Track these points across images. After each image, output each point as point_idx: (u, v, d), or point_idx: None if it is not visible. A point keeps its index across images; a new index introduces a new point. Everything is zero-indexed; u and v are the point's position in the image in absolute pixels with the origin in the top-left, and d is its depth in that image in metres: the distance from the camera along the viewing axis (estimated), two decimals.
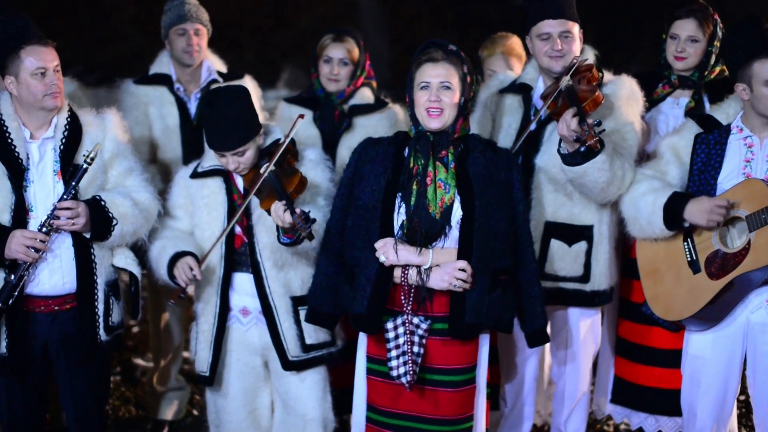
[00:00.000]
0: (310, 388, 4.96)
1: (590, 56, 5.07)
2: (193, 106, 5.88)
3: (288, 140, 4.70)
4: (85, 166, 4.65)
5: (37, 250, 4.62)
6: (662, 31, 5.31)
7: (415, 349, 4.39)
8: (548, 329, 5.12)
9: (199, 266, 4.72)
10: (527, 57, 5.40)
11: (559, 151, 4.76)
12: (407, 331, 4.39)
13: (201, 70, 5.89)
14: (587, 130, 4.55)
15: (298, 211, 4.43)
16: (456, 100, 4.45)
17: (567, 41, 4.95)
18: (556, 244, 5.06)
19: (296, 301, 4.87)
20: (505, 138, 5.11)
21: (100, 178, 4.80)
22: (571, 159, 4.70)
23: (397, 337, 4.40)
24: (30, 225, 4.68)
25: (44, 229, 4.64)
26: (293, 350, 4.89)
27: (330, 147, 5.55)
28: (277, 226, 4.59)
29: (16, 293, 4.65)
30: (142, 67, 6.08)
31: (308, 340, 4.90)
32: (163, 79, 5.90)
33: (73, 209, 4.63)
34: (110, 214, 4.73)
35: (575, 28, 4.98)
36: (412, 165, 4.46)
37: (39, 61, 4.64)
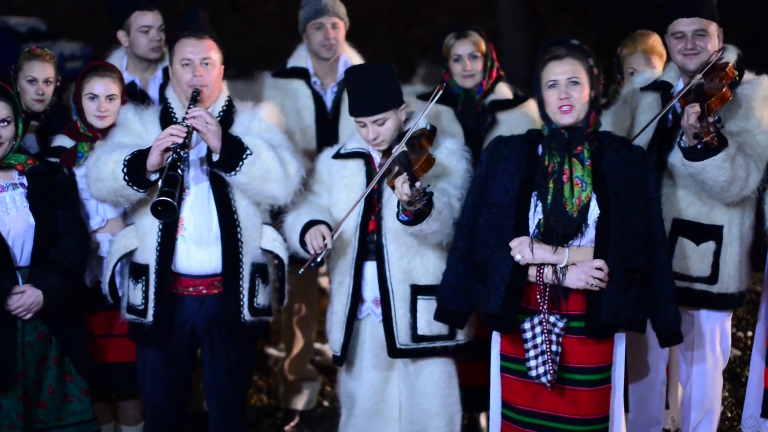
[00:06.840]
0: (436, 384, 4.96)
1: (732, 56, 4.98)
2: (329, 100, 5.92)
3: (424, 113, 4.71)
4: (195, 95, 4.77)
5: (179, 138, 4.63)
6: None
7: (553, 348, 4.35)
8: None
9: (331, 236, 4.76)
10: (668, 55, 5.32)
11: (679, 143, 4.70)
12: (544, 331, 4.35)
13: (338, 64, 5.93)
14: (705, 126, 4.46)
15: (417, 185, 4.41)
16: (586, 95, 4.40)
17: (702, 39, 4.89)
18: (683, 242, 4.98)
19: (416, 290, 4.87)
20: (641, 135, 5.04)
21: None
22: (690, 154, 4.64)
23: (534, 336, 4.37)
24: (185, 202, 4.78)
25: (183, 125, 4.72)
26: (402, 338, 4.88)
27: (474, 143, 5.47)
28: (398, 204, 4.60)
29: (183, 166, 4.64)
30: (280, 61, 6.16)
31: (420, 331, 4.88)
32: (301, 73, 5.96)
33: (203, 113, 4.69)
34: (244, 145, 4.78)
35: (712, 27, 4.91)
36: (547, 163, 4.42)
37: (185, 52, 4.81)
